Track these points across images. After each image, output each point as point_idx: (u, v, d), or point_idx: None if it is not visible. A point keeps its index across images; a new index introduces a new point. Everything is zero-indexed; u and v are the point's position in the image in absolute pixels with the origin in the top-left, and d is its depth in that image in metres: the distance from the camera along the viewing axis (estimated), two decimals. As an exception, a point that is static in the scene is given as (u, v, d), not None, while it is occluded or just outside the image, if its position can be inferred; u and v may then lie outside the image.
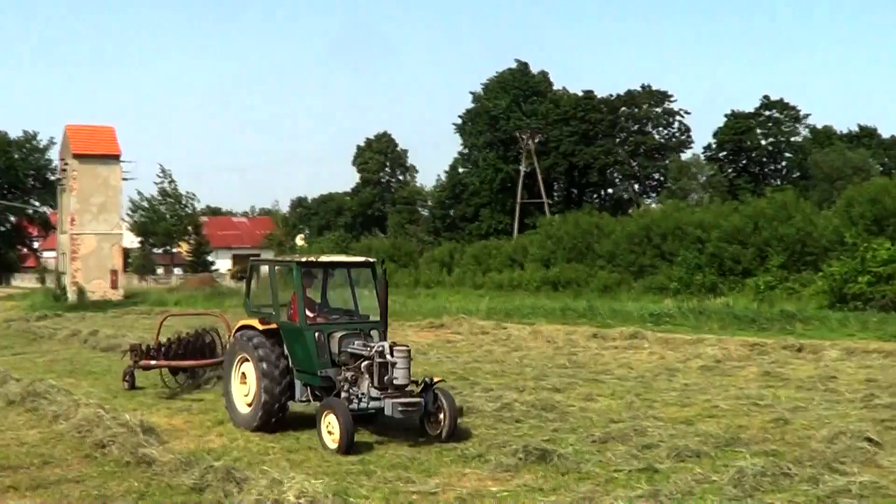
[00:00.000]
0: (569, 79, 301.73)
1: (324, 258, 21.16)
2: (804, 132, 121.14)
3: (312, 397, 19.61)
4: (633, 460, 16.11)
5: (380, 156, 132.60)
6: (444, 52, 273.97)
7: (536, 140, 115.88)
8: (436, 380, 18.93)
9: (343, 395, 18.40)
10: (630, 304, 50.20)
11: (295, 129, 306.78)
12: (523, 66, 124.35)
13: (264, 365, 19.21)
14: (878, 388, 23.91)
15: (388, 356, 18.08)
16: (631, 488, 14.42)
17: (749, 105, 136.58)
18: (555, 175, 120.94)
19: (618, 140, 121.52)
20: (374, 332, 19.35)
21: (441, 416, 18.32)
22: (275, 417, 19.38)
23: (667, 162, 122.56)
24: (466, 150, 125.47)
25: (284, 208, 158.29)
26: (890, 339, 34.52)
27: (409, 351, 18.35)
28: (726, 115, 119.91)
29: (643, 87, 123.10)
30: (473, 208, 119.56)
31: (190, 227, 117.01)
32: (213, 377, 26.57)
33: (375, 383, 18.19)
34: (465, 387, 24.82)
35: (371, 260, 20.61)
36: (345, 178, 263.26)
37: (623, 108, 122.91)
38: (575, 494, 14.19)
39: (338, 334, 19.31)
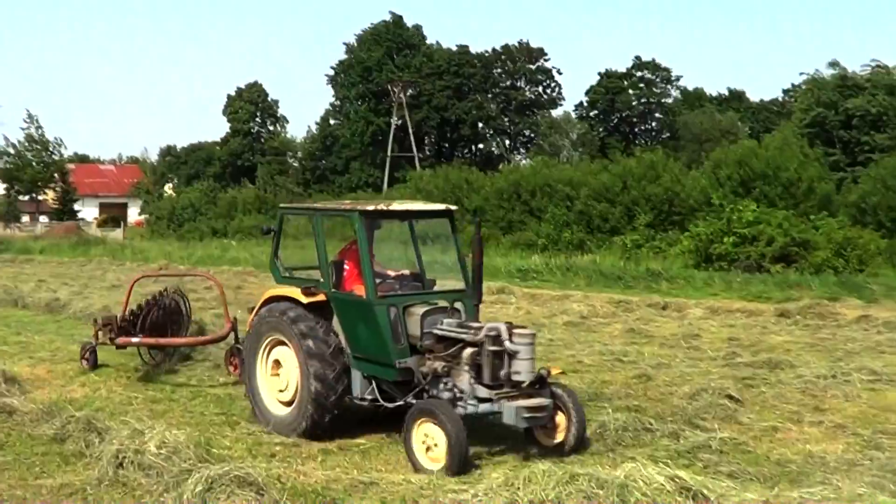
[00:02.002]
0: (443, 33, 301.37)
1: (396, 206, 15.39)
2: (675, 94, 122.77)
3: (380, 395, 14.91)
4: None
5: (250, 105, 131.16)
6: (318, 2, 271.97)
7: (408, 93, 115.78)
8: (553, 371, 14.22)
9: (445, 394, 13.98)
10: (498, 260, 50.27)
11: (165, 76, 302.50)
12: (397, 19, 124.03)
13: (312, 347, 14.69)
14: (740, 346, 24.31)
15: (508, 342, 13.48)
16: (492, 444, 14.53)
17: (621, 65, 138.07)
18: (426, 129, 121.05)
19: (490, 95, 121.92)
20: (458, 306, 15.03)
21: (561, 421, 13.91)
22: (328, 417, 14.79)
23: (538, 119, 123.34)
24: (338, 102, 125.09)
25: (153, 157, 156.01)
26: (753, 298, 35.18)
27: (533, 336, 13.76)
28: (599, 74, 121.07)
29: (519, 43, 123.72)
30: (344, 161, 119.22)
31: (56, 175, 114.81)
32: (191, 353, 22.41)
33: (487, 379, 13.60)
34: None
35: (452, 208, 15.95)
36: (215, 128, 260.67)
37: (497, 64, 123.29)
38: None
39: (418, 310, 14.64)
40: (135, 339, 20.61)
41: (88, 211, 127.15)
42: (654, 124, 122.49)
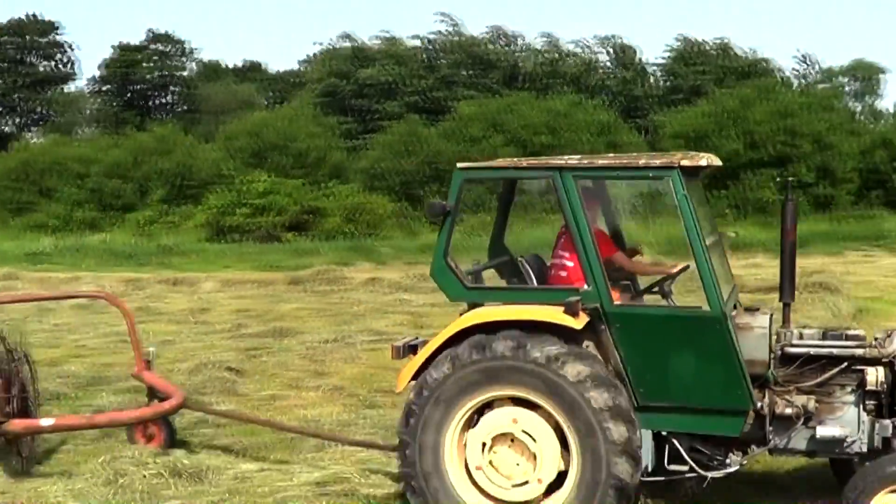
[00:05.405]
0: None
1: (705, 158, 9.78)
2: (193, 66, 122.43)
3: (697, 465, 9.50)
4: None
5: None
6: None
7: None
8: None
9: (801, 442, 9.49)
10: (7, 244, 48.75)
11: None
12: None
13: (610, 400, 9.06)
14: (249, 317, 24.63)
15: None
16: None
17: (136, 38, 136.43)
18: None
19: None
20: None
21: None
22: None
23: (51, 95, 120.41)
24: None
25: None
26: (265, 269, 35.78)
27: None
28: (113, 48, 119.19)
29: (28, 16, 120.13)
30: None
31: None
32: None
33: None
34: None
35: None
36: None
37: (5, 38, 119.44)
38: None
39: (755, 319, 9.68)
40: (46, 423, 12.46)
41: None
42: (171, 98, 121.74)
